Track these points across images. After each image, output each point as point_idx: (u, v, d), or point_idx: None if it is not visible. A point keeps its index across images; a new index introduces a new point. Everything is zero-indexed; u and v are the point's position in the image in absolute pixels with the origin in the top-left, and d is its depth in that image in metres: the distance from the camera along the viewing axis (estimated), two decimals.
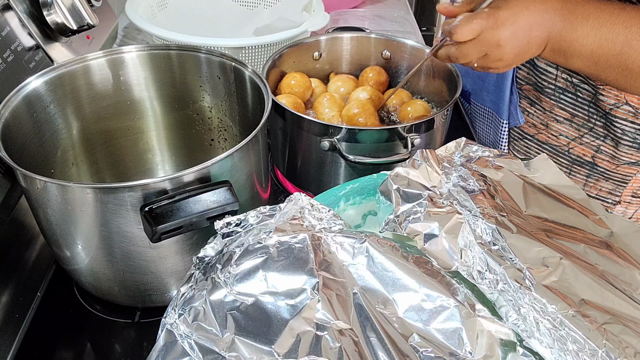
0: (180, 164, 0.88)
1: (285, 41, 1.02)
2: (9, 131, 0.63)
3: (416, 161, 0.58)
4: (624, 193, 0.88)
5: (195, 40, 0.98)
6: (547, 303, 0.45)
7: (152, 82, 0.79)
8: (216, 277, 0.47)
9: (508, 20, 0.66)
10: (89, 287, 0.70)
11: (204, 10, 1.25)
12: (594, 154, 0.86)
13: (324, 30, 1.11)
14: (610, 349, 0.43)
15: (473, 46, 0.68)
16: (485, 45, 0.68)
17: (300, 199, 0.54)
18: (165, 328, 0.45)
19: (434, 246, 0.50)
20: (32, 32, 0.83)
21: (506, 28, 0.66)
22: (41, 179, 0.56)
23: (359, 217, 0.66)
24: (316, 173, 0.85)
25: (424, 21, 1.93)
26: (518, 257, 0.48)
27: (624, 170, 0.85)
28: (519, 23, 0.67)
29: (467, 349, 0.44)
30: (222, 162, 0.59)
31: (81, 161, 0.79)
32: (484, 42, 0.67)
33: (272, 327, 0.44)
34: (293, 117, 0.80)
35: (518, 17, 0.66)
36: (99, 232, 0.60)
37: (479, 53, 0.69)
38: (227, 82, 0.77)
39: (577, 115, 0.85)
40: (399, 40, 0.98)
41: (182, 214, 0.54)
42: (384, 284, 0.47)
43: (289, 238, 0.49)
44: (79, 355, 0.68)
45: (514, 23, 0.66)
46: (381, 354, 0.43)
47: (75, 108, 0.75)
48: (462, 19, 0.67)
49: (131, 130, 0.82)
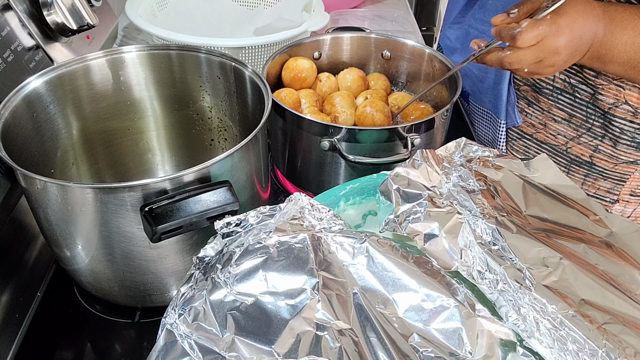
0: (180, 164, 0.88)
1: (285, 41, 1.02)
2: (9, 131, 0.63)
3: (416, 161, 0.58)
4: (622, 192, 0.88)
5: (195, 40, 0.98)
6: (547, 303, 0.45)
7: (152, 82, 0.79)
8: (216, 277, 0.47)
9: (568, 27, 0.67)
10: (89, 287, 0.70)
11: (204, 10, 1.25)
12: (592, 153, 0.86)
13: (324, 30, 1.11)
14: (610, 349, 0.43)
15: (532, 52, 0.68)
16: (544, 52, 0.68)
17: (300, 199, 0.54)
18: (165, 328, 0.45)
19: (434, 246, 0.50)
20: (32, 32, 0.83)
21: (565, 35, 0.67)
22: (41, 179, 0.56)
23: (359, 217, 0.66)
24: (316, 173, 0.85)
25: (424, 21, 1.94)
26: (518, 257, 0.48)
27: (622, 169, 0.85)
28: (575, 31, 0.68)
29: (467, 349, 0.44)
30: (222, 162, 0.59)
31: (81, 161, 0.79)
32: (544, 48, 0.68)
33: (272, 327, 0.44)
34: (293, 117, 0.80)
35: (575, 24, 0.68)
36: (99, 232, 0.60)
37: (535, 59, 0.69)
38: (227, 82, 0.77)
39: (575, 115, 0.85)
40: (399, 40, 0.98)
41: (182, 214, 0.54)
42: (384, 284, 0.47)
43: (289, 238, 0.49)
44: (79, 355, 0.68)
45: (572, 31, 0.68)
46: (381, 354, 0.43)
47: (75, 108, 0.75)
48: (527, 24, 0.67)
49: (131, 130, 0.82)
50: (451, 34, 1.08)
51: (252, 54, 1.03)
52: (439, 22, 1.93)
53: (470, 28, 1.01)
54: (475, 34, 0.99)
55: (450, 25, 1.09)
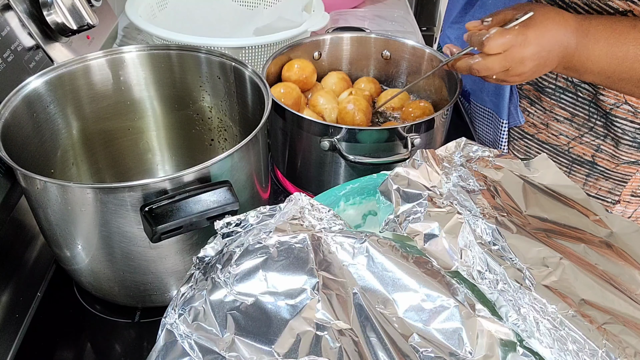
0: (180, 164, 0.88)
1: (285, 41, 1.02)
2: (9, 131, 0.63)
3: (416, 161, 0.58)
4: (624, 192, 0.88)
5: (195, 40, 0.98)
6: (547, 303, 0.45)
7: (152, 82, 0.79)
8: (216, 277, 0.47)
9: (535, 39, 0.68)
10: (89, 287, 0.70)
11: (204, 10, 1.25)
12: (593, 153, 0.86)
13: (324, 30, 1.11)
14: (610, 349, 0.43)
15: (498, 60, 0.70)
16: (509, 61, 0.69)
17: (300, 199, 0.54)
18: (165, 328, 0.45)
19: (434, 246, 0.50)
20: (32, 32, 0.83)
21: (532, 47, 0.68)
22: (41, 179, 0.56)
23: (359, 217, 0.66)
24: (316, 173, 0.85)
25: (423, 21, 1.93)
26: (518, 257, 0.48)
27: (624, 170, 0.85)
28: (543, 43, 0.69)
29: (467, 349, 0.44)
30: (222, 162, 0.59)
31: (81, 161, 0.79)
32: (510, 57, 0.69)
33: (272, 327, 0.44)
34: (293, 117, 0.80)
35: (543, 37, 0.69)
36: (99, 232, 0.60)
37: (501, 67, 0.70)
38: (227, 82, 0.77)
39: (577, 114, 0.85)
40: (399, 40, 0.98)
41: (182, 214, 0.54)
42: (384, 284, 0.47)
43: (289, 238, 0.49)
44: (79, 355, 0.68)
45: (539, 43, 0.69)
46: (381, 354, 0.43)
47: (75, 108, 0.75)
48: (495, 32, 0.68)
49: (131, 130, 0.82)
50: (451, 33, 1.08)
51: (252, 54, 1.03)
52: (439, 22, 1.93)
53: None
54: None
55: (451, 25, 1.09)
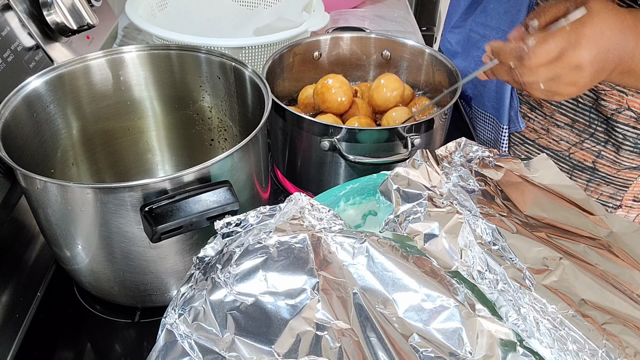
0: (180, 164, 0.88)
1: (285, 41, 1.02)
2: (9, 131, 0.63)
3: (416, 161, 0.58)
4: (625, 197, 0.88)
5: (195, 40, 0.98)
6: (547, 303, 0.45)
7: (152, 82, 0.79)
8: (216, 277, 0.47)
9: (593, 39, 0.58)
10: (89, 287, 0.70)
11: (204, 10, 1.25)
12: (594, 159, 0.86)
13: (324, 30, 1.11)
14: (610, 349, 0.43)
15: (545, 68, 0.60)
16: (561, 67, 0.59)
17: (300, 199, 0.54)
18: (165, 328, 0.45)
19: (434, 246, 0.50)
20: (32, 32, 0.83)
21: (590, 49, 0.58)
22: (41, 179, 0.56)
23: (359, 217, 0.66)
24: (316, 173, 0.85)
25: (424, 21, 1.93)
26: (518, 257, 0.48)
27: (625, 175, 0.85)
28: (602, 45, 0.59)
29: (467, 349, 0.44)
30: (222, 162, 0.59)
31: (81, 161, 0.79)
32: (562, 63, 0.59)
33: (272, 327, 0.44)
34: (293, 117, 0.80)
35: (602, 38, 0.59)
36: (99, 232, 0.60)
37: (549, 75, 0.60)
38: (227, 82, 0.77)
39: (578, 120, 0.85)
40: (399, 40, 0.98)
41: (182, 214, 0.54)
42: (384, 284, 0.47)
43: (289, 238, 0.49)
44: (79, 355, 0.68)
45: (597, 44, 0.58)
46: (381, 354, 0.43)
47: (75, 108, 0.75)
48: (537, 41, 0.59)
49: (131, 130, 0.82)
50: (452, 38, 1.08)
51: (252, 54, 1.03)
52: (439, 22, 1.93)
53: (471, 32, 1.01)
54: (477, 38, 0.98)
55: (451, 29, 1.09)
